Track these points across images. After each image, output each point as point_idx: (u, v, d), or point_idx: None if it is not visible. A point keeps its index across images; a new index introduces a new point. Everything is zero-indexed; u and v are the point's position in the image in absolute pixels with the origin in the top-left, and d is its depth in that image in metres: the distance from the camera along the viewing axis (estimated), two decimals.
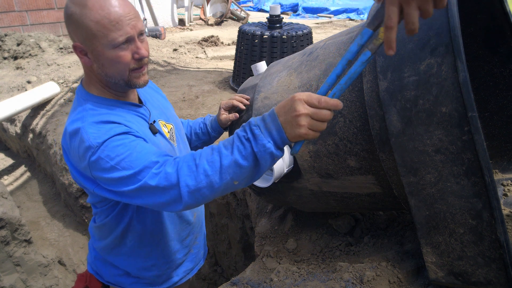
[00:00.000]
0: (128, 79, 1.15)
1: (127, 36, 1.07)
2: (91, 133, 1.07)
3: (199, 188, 0.97)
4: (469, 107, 0.86)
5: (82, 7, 1.05)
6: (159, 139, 1.25)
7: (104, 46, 1.07)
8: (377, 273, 1.24)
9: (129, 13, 1.07)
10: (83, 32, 1.06)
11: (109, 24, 1.04)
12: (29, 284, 2.65)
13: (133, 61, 1.12)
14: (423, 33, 0.96)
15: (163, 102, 1.48)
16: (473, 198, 0.92)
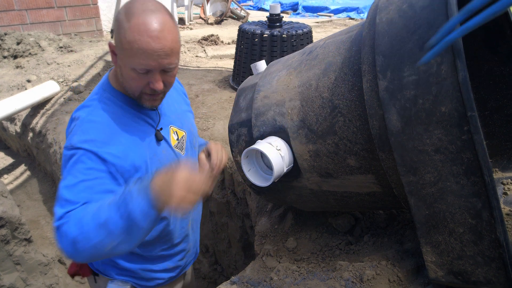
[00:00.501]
0: (137, 97, 1.20)
1: (147, 68, 1.10)
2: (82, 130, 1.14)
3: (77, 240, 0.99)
4: (468, 106, 0.86)
5: (126, 19, 1.08)
6: (161, 147, 1.30)
7: (126, 63, 1.11)
8: (377, 272, 1.24)
9: (162, 49, 1.08)
10: (118, 40, 1.11)
11: (137, 51, 1.07)
12: (29, 283, 2.65)
13: (148, 87, 1.16)
14: (423, 32, 0.96)
15: (183, 106, 1.50)
16: (472, 198, 0.93)
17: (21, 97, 3.50)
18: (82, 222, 0.99)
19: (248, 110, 1.55)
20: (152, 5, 1.10)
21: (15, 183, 3.76)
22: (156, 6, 1.11)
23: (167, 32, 1.09)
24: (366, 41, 1.14)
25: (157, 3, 1.13)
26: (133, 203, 0.95)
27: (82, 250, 0.99)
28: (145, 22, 1.06)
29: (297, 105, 1.36)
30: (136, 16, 1.07)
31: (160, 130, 1.31)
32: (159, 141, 1.29)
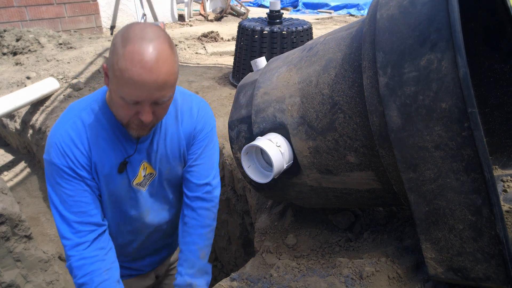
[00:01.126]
0: (125, 125, 1.16)
1: (136, 99, 1.05)
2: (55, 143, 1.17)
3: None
4: (469, 103, 0.86)
5: (122, 44, 1.01)
6: (120, 178, 1.27)
7: (116, 89, 1.06)
8: (376, 268, 1.24)
9: (155, 81, 1.01)
10: (111, 64, 1.04)
11: (127, 80, 1.01)
12: (29, 280, 2.66)
13: (136, 117, 1.10)
14: (424, 29, 0.96)
15: (172, 147, 1.35)
16: (472, 194, 0.92)
17: (20, 94, 3.50)
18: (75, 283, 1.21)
19: (248, 107, 1.55)
20: (151, 32, 1.02)
21: (15, 180, 3.76)
22: (156, 34, 1.03)
23: (162, 64, 1.01)
24: (366, 37, 1.14)
25: (158, 30, 1.05)
26: None
27: None
28: (140, 51, 0.99)
29: (297, 101, 1.35)
30: (131, 42, 1.00)
31: (126, 164, 1.25)
32: (120, 172, 1.25)
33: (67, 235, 1.20)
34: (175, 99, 1.32)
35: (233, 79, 3.63)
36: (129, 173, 1.28)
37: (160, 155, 1.32)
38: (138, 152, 1.27)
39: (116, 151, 1.23)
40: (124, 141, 1.24)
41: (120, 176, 1.26)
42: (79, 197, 1.20)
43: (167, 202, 1.46)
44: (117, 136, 1.22)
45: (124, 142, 1.24)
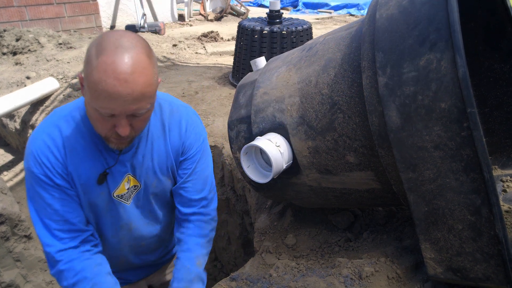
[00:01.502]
0: (104, 137, 1.11)
1: (111, 113, 0.99)
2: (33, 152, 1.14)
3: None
4: (468, 103, 0.86)
5: (96, 54, 0.96)
6: (100, 189, 1.22)
7: (91, 102, 1.00)
8: (375, 268, 1.24)
9: (130, 94, 0.96)
10: (85, 74, 1.00)
11: (101, 93, 0.95)
12: (29, 280, 2.66)
13: (113, 131, 1.05)
14: (423, 28, 0.96)
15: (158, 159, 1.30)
16: (472, 194, 0.92)
17: (20, 93, 3.50)
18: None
19: (248, 107, 1.55)
20: (128, 41, 0.97)
21: (15, 180, 3.75)
22: (132, 43, 0.97)
23: (138, 75, 0.95)
24: (366, 37, 1.14)
25: (136, 38, 1.00)
26: None
27: None
28: (114, 61, 0.93)
29: (296, 101, 1.35)
30: (106, 53, 0.94)
31: (106, 174, 1.20)
32: (99, 184, 1.20)
33: (50, 242, 1.17)
34: (163, 110, 1.28)
35: (233, 79, 3.63)
36: (110, 184, 1.22)
37: (146, 168, 1.27)
38: (121, 164, 1.22)
39: (96, 162, 1.18)
40: (104, 151, 1.19)
41: (99, 187, 1.21)
42: (58, 205, 1.16)
43: (154, 217, 1.41)
44: (97, 145, 1.18)
45: (105, 153, 1.19)
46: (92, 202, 1.24)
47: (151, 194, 1.34)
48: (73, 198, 1.19)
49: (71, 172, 1.17)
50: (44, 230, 1.17)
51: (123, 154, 1.21)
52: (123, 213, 1.30)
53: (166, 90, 3.43)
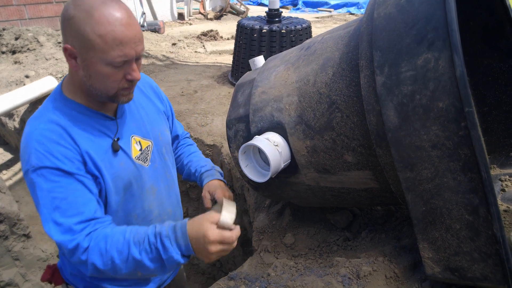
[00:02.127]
0: (113, 95, 1.13)
1: (125, 59, 1.05)
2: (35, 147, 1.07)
3: (103, 270, 1.06)
4: (466, 102, 0.85)
5: (87, 15, 1.00)
6: (119, 159, 1.21)
7: (100, 60, 1.04)
8: (373, 268, 1.24)
9: (135, 36, 1.05)
10: (81, 39, 1.02)
11: (113, 42, 1.01)
12: (28, 279, 2.66)
13: (124, 81, 1.11)
14: (421, 27, 0.96)
15: (151, 112, 1.38)
16: (469, 194, 0.92)
17: (19, 92, 3.49)
18: (104, 256, 1.05)
19: (246, 106, 1.55)
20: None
21: (14, 178, 3.76)
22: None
23: (133, 19, 1.05)
24: (364, 36, 1.14)
25: None
26: (169, 254, 1.03)
27: (102, 273, 1.08)
28: (111, 12, 1.01)
29: (294, 100, 1.35)
30: (97, 9, 1.00)
31: (117, 140, 1.21)
32: (116, 152, 1.20)
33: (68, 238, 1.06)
34: None
35: (232, 77, 3.63)
36: (126, 150, 1.24)
37: (146, 122, 1.33)
38: (121, 129, 1.24)
39: (101, 135, 1.19)
40: (102, 123, 1.20)
41: (117, 157, 1.20)
42: (73, 197, 1.08)
43: (171, 178, 1.44)
44: (94, 121, 1.18)
45: (103, 125, 1.20)
46: (117, 176, 1.20)
47: (163, 148, 1.39)
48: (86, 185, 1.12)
49: (87, 152, 1.13)
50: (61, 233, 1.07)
51: (119, 118, 1.25)
52: (146, 176, 1.30)
53: (165, 89, 3.43)
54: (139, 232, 1.07)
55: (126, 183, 1.23)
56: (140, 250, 1.04)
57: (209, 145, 2.58)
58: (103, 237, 1.06)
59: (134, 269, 1.06)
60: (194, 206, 2.94)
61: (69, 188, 1.08)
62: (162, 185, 1.39)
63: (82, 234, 1.06)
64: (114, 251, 1.04)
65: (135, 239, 1.05)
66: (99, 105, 1.20)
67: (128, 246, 1.04)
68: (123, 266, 1.05)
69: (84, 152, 1.12)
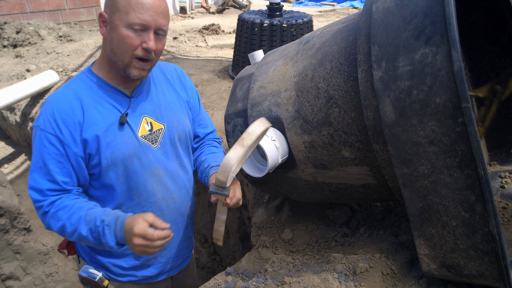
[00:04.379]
0: (127, 63, 1.20)
1: (143, 23, 1.15)
2: (46, 110, 1.22)
3: (55, 231, 1.26)
4: (463, 97, 0.84)
5: None
6: (123, 134, 1.28)
7: (121, 22, 1.15)
8: (370, 264, 1.23)
9: (159, 7, 1.16)
10: (112, 3, 1.16)
11: (135, 5, 1.13)
12: (29, 272, 2.67)
13: (140, 49, 1.18)
14: (419, 22, 0.94)
15: (171, 99, 1.43)
16: (466, 191, 0.91)
17: (20, 86, 3.49)
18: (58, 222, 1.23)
19: (244, 100, 1.54)
20: None
21: (15, 172, 3.77)
22: None
23: None
24: (362, 30, 1.12)
25: None
26: (105, 239, 1.19)
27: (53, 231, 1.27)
28: None
29: (292, 95, 1.34)
30: None
31: (125, 116, 1.28)
32: (121, 125, 1.28)
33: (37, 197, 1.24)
34: (156, 62, 1.37)
35: (233, 72, 3.61)
36: (132, 126, 1.30)
37: (163, 107, 1.38)
38: (134, 107, 1.31)
39: (110, 108, 1.27)
40: (115, 98, 1.29)
41: (122, 132, 1.28)
42: (54, 166, 1.22)
43: (180, 164, 1.46)
44: (108, 95, 1.28)
45: (116, 100, 1.29)
46: (118, 151, 1.27)
47: (176, 136, 1.42)
48: (70, 158, 1.24)
49: (91, 121, 1.24)
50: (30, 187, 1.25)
51: (133, 97, 1.32)
52: (152, 157, 1.35)
53: None
54: (92, 213, 1.22)
55: (126, 158, 1.29)
56: (87, 229, 1.20)
57: None
58: (63, 207, 1.23)
59: (78, 239, 1.24)
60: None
61: (55, 157, 1.22)
62: (170, 170, 1.41)
63: (48, 200, 1.23)
64: (67, 221, 1.22)
65: (87, 218, 1.21)
66: (119, 82, 1.29)
67: (79, 222, 1.21)
68: (71, 235, 1.23)
69: (87, 126, 1.23)
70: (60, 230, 1.24)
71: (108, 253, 1.41)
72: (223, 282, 1.51)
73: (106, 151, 1.25)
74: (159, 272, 1.50)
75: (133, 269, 1.45)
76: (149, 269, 1.48)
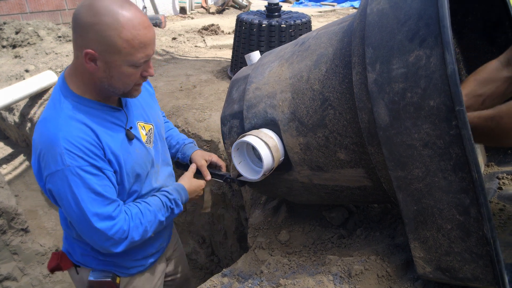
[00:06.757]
0: (128, 91, 1.24)
1: (147, 58, 1.17)
2: (65, 147, 1.14)
3: (138, 240, 1.30)
4: (456, 100, 0.83)
5: (113, 20, 1.07)
6: (134, 146, 1.32)
7: (124, 62, 1.13)
8: (365, 267, 1.22)
9: (153, 35, 1.17)
10: (107, 44, 1.09)
11: (138, 45, 1.11)
12: (26, 273, 2.67)
13: (140, 78, 1.22)
14: (413, 24, 0.93)
15: (147, 99, 1.50)
16: (460, 194, 0.91)
17: (19, 87, 3.49)
18: (140, 228, 1.30)
19: (240, 102, 1.53)
20: (118, 1, 1.10)
21: (14, 173, 3.76)
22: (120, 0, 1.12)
23: (147, 18, 1.15)
24: (356, 32, 1.12)
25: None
26: (179, 209, 1.44)
27: (133, 245, 1.32)
28: (133, 16, 1.09)
29: (288, 97, 1.33)
30: (119, 14, 1.07)
31: (130, 129, 1.32)
32: (131, 140, 1.31)
33: (109, 224, 1.21)
34: None
35: (231, 72, 3.61)
36: (138, 136, 1.36)
37: (145, 108, 1.45)
38: (130, 117, 1.36)
39: (113, 128, 1.28)
40: (112, 115, 1.29)
41: (132, 145, 1.32)
42: (105, 189, 1.21)
43: (167, 157, 1.60)
44: (105, 114, 1.27)
45: (112, 118, 1.29)
46: (136, 165, 1.33)
47: (162, 130, 1.54)
48: (110, 178, 1.25)
49: (108, 149, 1.23)
50: (100, 221, 1.20)
51: (125, 108, 1.35)
52: (154, 156, 1.45)
53: (163, 84, 3.41)
54: (155, 202, 1.37)
55: (142, 167, 1.36)
56: (162, 214, 1.37)
57: (206, 141, 2.57)
58: (136, 215, 1.30)
59: (155, 230, 1.36)
60: (191, 202, 2.93)
61: (101, 183, 1.20)
62: (164, 164, 1.54)
63: (120, 219, 1.24)
64: (147, 222, 1.31)
65: (157, 208, 1.35)
66: (105, 99, 1.28)
67: (155, 214, 1.34)
68: (151, 229, 1.34)
69: (107, 148, 1.23)
70: (143, 234, 1.31)
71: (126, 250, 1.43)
72: (219, 284, 1.51)
73: (126, 166, 1.29)
74: (161, 256, 1.66)
75: (144, 259, 1.54)
76: (154, 255, 1.59)
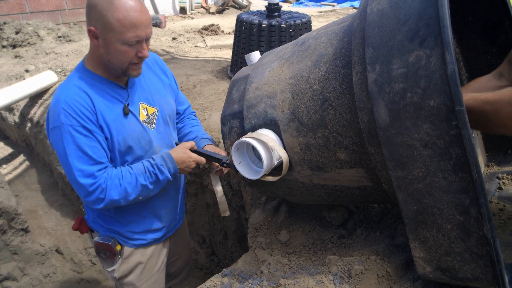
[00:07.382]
0: (125, 69, 1.40)
1: (138, 39, 1.33)
2: (63, 108, 1.34)
3: (117, 199, 1.44)
4: (456, 100, 0.83)
5: (110, 2, 1.27)
6: (129, 121, 1.50)
7: (117, 40, 1.31)
8: (365, 267, 1.22)
9: (146, 20, 1.33)
10: (103, 23, 1.29)
11: (129, 25, 1.29)
12: (26, 272, 2.67)
13: (135, 57, 1.38)
14: (413, 24, 0.93)
15: (157, 85, 1.65)
16: (460, 194, 0.91)
17: (19, 87, 3.49)
18: (119, 188, 1.42)
19: (240, 102, 1.53)
20: None
21: (14, 173, 3.76)
22: None
23: (144, 6, 1.33)
24: (356, 32, 1.12)
25: None
26: (163, 175, 1.49)
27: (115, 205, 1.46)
28: (127, 1, 1.28)
29: (288, 97, 1.33)
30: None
31: (127, 106, 1.49)
32: (126, 114, 1.48)
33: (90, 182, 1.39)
34: None
35: (231, 72, 3.61)
36: (135, 113, 1.52)
37: (153, 93, 1.60)
38: (132, 97, 1.52)
39: (114, 100, 1.46)
40: (116, 91, 1.48)
41: (128, 119, 1.49)
42: (92, 150, 1.38)
43: (171, 140, 1.71)
44: (109, 89, 1.46)
45: (116, 92, 1.48)
46: (128, 137, 1.48)
47: (167, 116, 1.66)
48: (102, 144, 1.43)
49: (102, 113, 1.41)
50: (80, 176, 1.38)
51: (129, 88, 1.52)
52: (152, 137, 1.58)
53: None
54: (138, 166, 1.47)
55: (135, 141, 1.51)
56: (144, 178, 1.46)
57: None
58: (116, 176, 1.43)
59: (139, 193, 1.46)
60: (192, 202, 2.94)
61: (89, 143, 1.38)
62: (165, 146, 1.66)
63: (101, 178, 1.40)
64: (126, 183, 1.43)
65: (139, 172, 1.46)
66: (114, 77, 1.48)
67: (136, 177, 1.45)
68: (133, 192, 1.44)
69: (99, 115, 1.40)
70: (122, 194, 1.43)
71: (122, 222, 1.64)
72: (219, 284, 1.51)
73: (118, 137, 1.45)
74: (164, 234, 1.79)
75: (143, 233, 1.70)
76: (157, 233, 1.74)
